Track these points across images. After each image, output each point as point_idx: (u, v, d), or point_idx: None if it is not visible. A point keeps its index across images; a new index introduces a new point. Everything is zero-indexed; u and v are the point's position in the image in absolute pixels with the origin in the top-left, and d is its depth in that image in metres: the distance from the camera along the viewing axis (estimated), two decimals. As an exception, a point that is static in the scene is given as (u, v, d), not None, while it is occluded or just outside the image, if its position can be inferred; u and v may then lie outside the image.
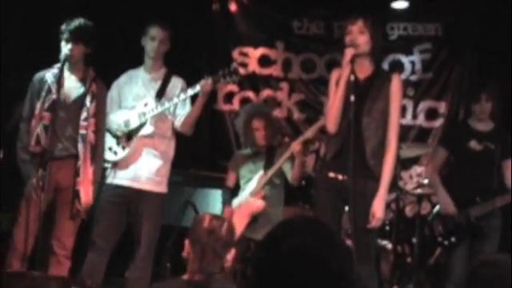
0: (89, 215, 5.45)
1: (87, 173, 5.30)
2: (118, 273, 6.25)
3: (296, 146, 5.92)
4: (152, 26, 5.77)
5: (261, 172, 6.14)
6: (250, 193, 6.09)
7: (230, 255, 3.66)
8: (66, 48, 5.23)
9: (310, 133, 5.90)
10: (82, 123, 5.32)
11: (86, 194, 5.28)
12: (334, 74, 4.97)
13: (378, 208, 4.76)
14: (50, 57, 5.44)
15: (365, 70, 4.91)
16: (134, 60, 6.00)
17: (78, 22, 5.30)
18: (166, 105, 5.67)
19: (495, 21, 7.52)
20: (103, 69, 5.57)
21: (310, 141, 6.27)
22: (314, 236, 1.99)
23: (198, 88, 5.58)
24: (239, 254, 6.04)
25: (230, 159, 6.85)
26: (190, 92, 5.64)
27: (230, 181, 6.41)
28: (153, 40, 5.78)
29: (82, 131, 5.32)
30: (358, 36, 4.80)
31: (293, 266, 1.93)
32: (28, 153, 5.21)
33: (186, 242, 3.70)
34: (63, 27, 5.27)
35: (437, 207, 6.04)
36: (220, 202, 6.56)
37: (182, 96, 5.67)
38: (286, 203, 6.46)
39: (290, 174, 6.08)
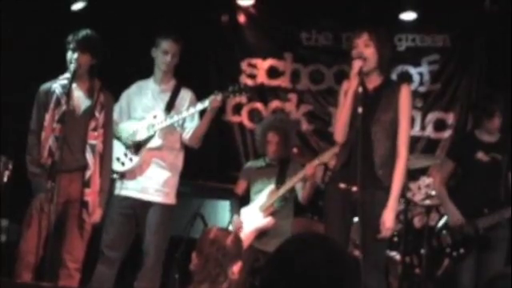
0: (96, 227, 5.45)
1: (97, 184, 5.31)
2: (127, 284, 6.26)
3: (310, 170, 5.89)
4: (165, 39, 5.78)
5: (272, 186, 6.13)
6: (259, 207, 6.08)
7: (237, 267, 3.66)
8: (72, 58, 5.22)
9: (325, 157, 5.84)
10: (92, 133, 5.32)
11: (95, 205, 5.29)
12: (344, 85, 4.99)
13: (388, 218, 4.75)
14: (54, 68, 5.46)
15: (374, 80, 4.93)
16: (143, 70, 6.03)
17: (85, 32, 5.30)
18: (175, 118, 5.70)
19: (503, 32, 7.52)
20: (111, 79, 5.59)
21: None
22: (326, 255, 1.99)
23: (206, 103, 5.61)
24: (248, 266, 6.03)
25: (238, 170, 6.85)
26: (200, 106, 5.65)
27: (240, 189, 6.40)
28: (165, 54, 5.79)
29: (92, 141, 5.32)
30: (364, 49, 4.82)
31: (305, 285, 1.93)
32: (39, 166, 5.19)
33: (193, 254, 3.71)
34: (70, 38, 5.26)
35: (444, 218, 6.04)
36: (228, 213, 6.55)
37: (191, 110, 5.68)
38: (294, 215, 6.45)
39: (301, 193, 6.08)
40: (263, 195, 6.12)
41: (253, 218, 6.08)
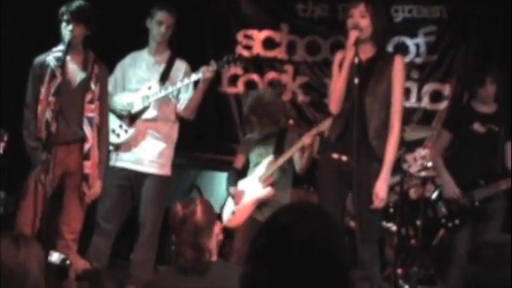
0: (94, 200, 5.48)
1: (96, 156, 5.32)
2: (123, 256, 6.29)
3: (307, 139, 5.87)
4: (160, 10, 5.76)
5: (270, 157, 6.12)
6: (258, 177, 6.07)
7: (217, 228, 3.64)
8: (66, 29, 5.20)
9: (323, 126, 5.80)
10: (88, 106, 5.32)
11: (95, 178, 5.30)
12: (338, 56, 5.02)
13: (381, 188, 4.80)
14: (48, 40, 5.44)
15: (367, 51, 4.94)
16: (137, 41, 6.01)
17: (78, 2, 5.27)
18: (170, 89, 5.70)
19: (498, 3, 7.49)
20: (105, 50, 5.57)
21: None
22: (320, 225, 2.00)
23: (200, 74, 5.61)
24: (249, 237, 6.03)
25: (235, 141, 6.84)
26: (194, 77, 5.67)
27: (238, 163, 6.39)
28: (160, 25, 5.77)
29: (89, 114, 5.32)
30: (360, 19, 4.82)
31: (302, 255, 1.93)
32: (36, 139, 5.18)
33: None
34: (63, 9, 5.23)
35: (438, 190, 6.06)
36: (225, 185, 6.55)
37: (186, 81, 5.69)
38: (291, 186, 6.47)
39: (299, 163, 6.07)
40: (262, 166, 6.11)
41: (252, 189, 6.07)
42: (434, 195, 6.11)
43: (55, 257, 3.57)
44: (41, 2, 7.06)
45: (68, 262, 3.43)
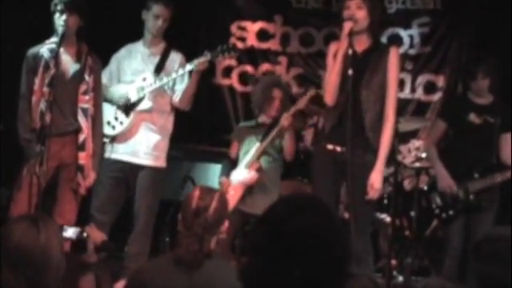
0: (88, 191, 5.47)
1: (91, 147, 5.32)
2: (118, 248, 6.28)
3: (285, 121, 5.90)
4: (156, 3, 5.75)
5: (257, 144, 6.14)
6: (245, 164, 6.09)
7: (223, 227, 3.61)
8: (60, 20, 5.19)
9: (300, 104, 5.85)
10: (83, 97, 5.32)
11: (89, 169, 5.30)
12: (332, 47, 5.02)
13: (376, 179, 4.81)
14: (41, 33, 5.42)
15: (363, 43, 4.95)
16: (132, 33, 5.99)
17: None
18: (165, 80, 5.70)
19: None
20: (101, 43, 5.56)
21: (303, 112, 6.23)
22: (316, 218, 2.00)
23: (194, 64, 5.61)
24: (236, 228, 6.04)
25: (229, 133, 6.84)
26: (188, 67, 5.67)
27: (233, 152, 6.40)
28: (156, 18, 5.76)
29: (84, 105, 5.32)
30: (356, 11, 4.82)
31: (299, 247, 1.94)
32: (31, 131, 5.18)
33: (179, 216, 3.62)
34: (56, 0, 5.24)
35: (432, 180, 6.08)
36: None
37: (181, 71, 5.69)
38: (285, 177, 6.47)
39: (286, 149, 6.09)
40: (249, 154, 6.13)
41: (239, 176, 6.09)
42: (428, 186, 6.11)
43: (70, 232, 3.54)
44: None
45: (85, 234, 3.42)
